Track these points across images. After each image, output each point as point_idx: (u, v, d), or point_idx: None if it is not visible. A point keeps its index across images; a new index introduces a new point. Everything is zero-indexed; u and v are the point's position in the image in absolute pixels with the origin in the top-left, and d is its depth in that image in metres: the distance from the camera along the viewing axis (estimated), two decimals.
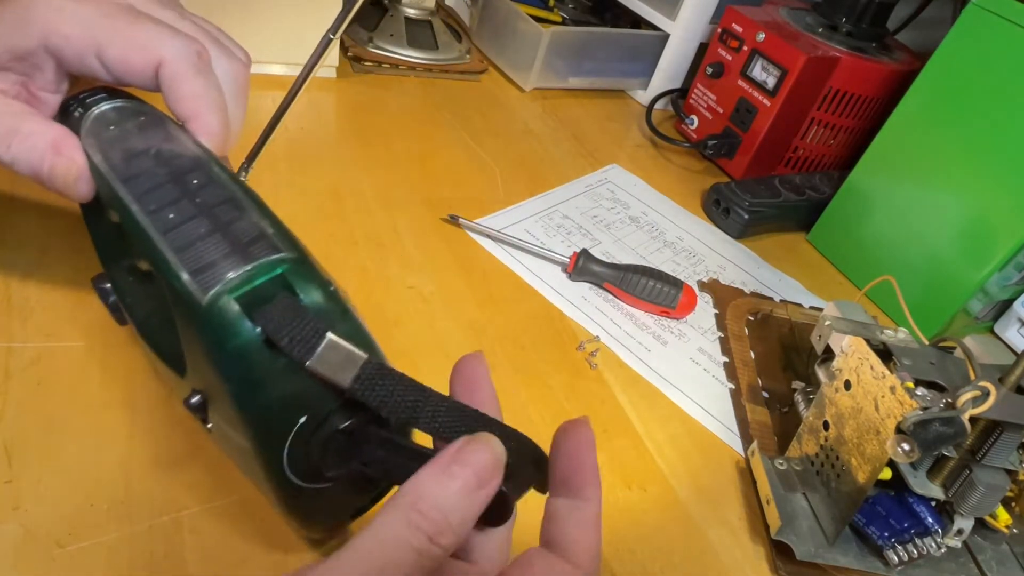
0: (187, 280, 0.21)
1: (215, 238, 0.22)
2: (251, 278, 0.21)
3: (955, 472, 0.34)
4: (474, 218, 0.51)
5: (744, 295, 0.54)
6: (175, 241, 0.22)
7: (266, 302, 0.20)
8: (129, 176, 0.25)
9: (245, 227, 0.22)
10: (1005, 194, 0.49)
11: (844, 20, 0.64)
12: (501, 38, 0.74)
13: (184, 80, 0.27)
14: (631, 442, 0.39)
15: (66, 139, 0.26)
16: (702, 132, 0.70)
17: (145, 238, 0.22)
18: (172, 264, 0.21)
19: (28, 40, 0.27)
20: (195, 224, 0.22)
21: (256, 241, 0.22)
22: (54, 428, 0.30)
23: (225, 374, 0.21)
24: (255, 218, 0.23)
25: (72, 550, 0.27)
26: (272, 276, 0.21)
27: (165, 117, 0.28)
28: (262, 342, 0.20)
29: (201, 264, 0.21)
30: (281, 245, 0.22)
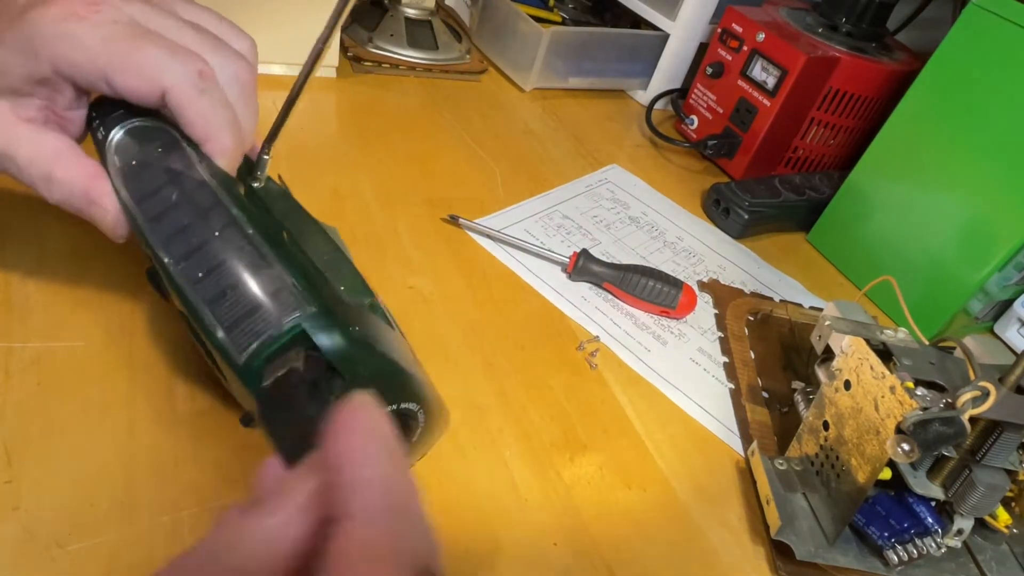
0: (223, 338, 0.24)
1: (243, 291, 0.24)
2: (278, 338, 0.23)
3: (955, 472, 0.34)
4: (474, 218, 0.51)
5: (744, 295, 0.54)
6: (205, 293, 0.24)
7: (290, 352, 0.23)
8: (153, 219, 0.27)
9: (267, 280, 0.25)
10: (1005, 194, 0.49)
11: (844, 20, 0.64)
12: (501, 38, 0.74)
13: (190, 105, 0.28)
14: (631, 442, 0.39)
15: (96, 184, 0.28)
16: (702, 132, 0.70)
17: (177, 288, 0.25)
18: (207, 320, 0.24)
19: (41, 67, 0.27)
20: (222, 276, 0.25)
21: (280, 293, 0.24)
22: (54, 428, 0.30)
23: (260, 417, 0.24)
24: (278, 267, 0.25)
25: (72, 550, 0.27)
26: (295, 335, 0.24)
27: (180, 140, 0.29)
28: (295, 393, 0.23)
29: (232, 321, 0.24)
30: (302, 299, 0.24)
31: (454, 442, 0.36)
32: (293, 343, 0.24)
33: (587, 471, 0.37)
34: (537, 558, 0.32)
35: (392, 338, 0.27)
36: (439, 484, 0.34)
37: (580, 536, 0.33)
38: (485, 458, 0.36)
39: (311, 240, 0.34)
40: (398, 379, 0.25)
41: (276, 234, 0.27)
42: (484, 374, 0.40)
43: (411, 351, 0.30)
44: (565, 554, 0.33)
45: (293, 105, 0.31)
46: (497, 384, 0.40)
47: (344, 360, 0.24)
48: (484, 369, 0.40)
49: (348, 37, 0.69)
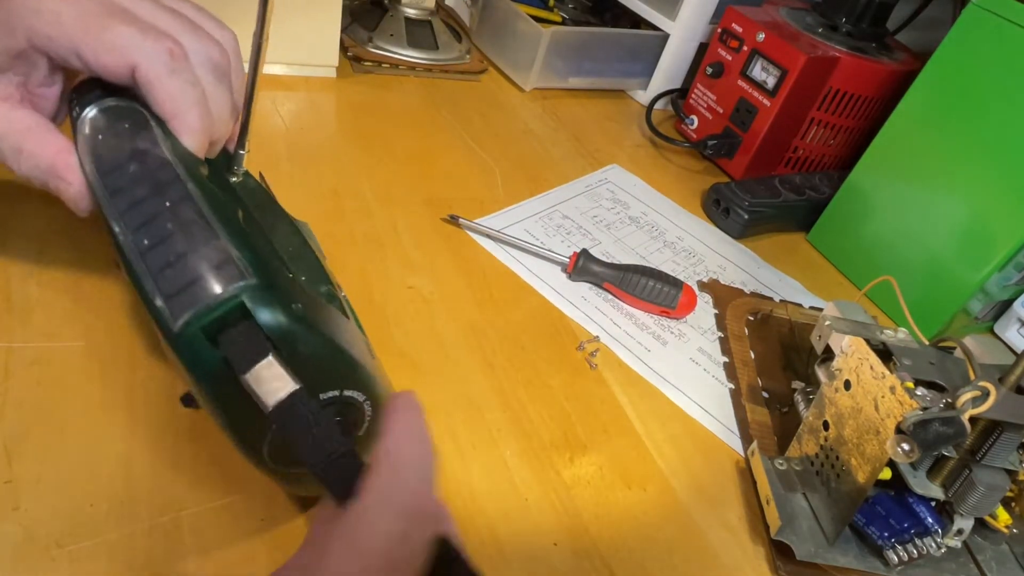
0: (161, 306, 0.23)
1: (186, 262, 0.23)
2: (214, 308, 0.22)
3: (955, 472, 0.34)
4: (474, 218, 0.51)
5: (744, 295, 0.54)
6: (151, 263, 0.24)
7: (229, 326, 0.22)
8: (113, 192, 0.26)
9: (212, 252, 0.24)
10: (1005, 194, 0.49)
11: (844, 20, 0.64)
12: (501, 38, 0.74)
13: (158, 83, 0.28)
14: (631, 442, 0.39)
15: (63, 158, 0.28)
16: (702, 132, 0.70)
17: (126, 259, 0.24)
18: (148, 289, 0.23)
19: (18, 41, 0.28)
20: (168, 247, 0.24)
21: (224, 266, 0.23)
22: (54, 428, 0.30)
23: (198, 391, 0.23)
24: (223, 240, 0.24)
25: (72, 550, 0.27)
26: (233, 306, 0.23)
27: (149, 120, 0.29)
28: (224, 364, 0.22)
29: (172, 291, 0.23)
30: (245, 271, 0.23)
31: (454, 442, 0.36)
32: (231, 315, 0.23)
33: (587, 471, 0.37)
34: (537, 558, 0.32)
35: (344, 327, 0.27)
36: (439, 484, 0.34)
37: (580, 536, 0.33)
38: (485, 458, 0.36)
39: (279, 231, 0.34)
40: (342, 364, 0.25)
41: (232, 213, 0.27)
42: (484, 374, 0.40)
43: (367, 346, 0.29)
44: (565, 554, 0.33)
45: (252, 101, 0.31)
46: (497, 384, 0.40)
47: (283, 336, 0.23)
48: (484, 369, 0.40)
49: (348, 37, 0.69)
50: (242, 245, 0.24)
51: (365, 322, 0.41)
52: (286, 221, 0.36)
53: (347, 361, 0.25)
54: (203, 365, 0.23)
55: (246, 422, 0.23)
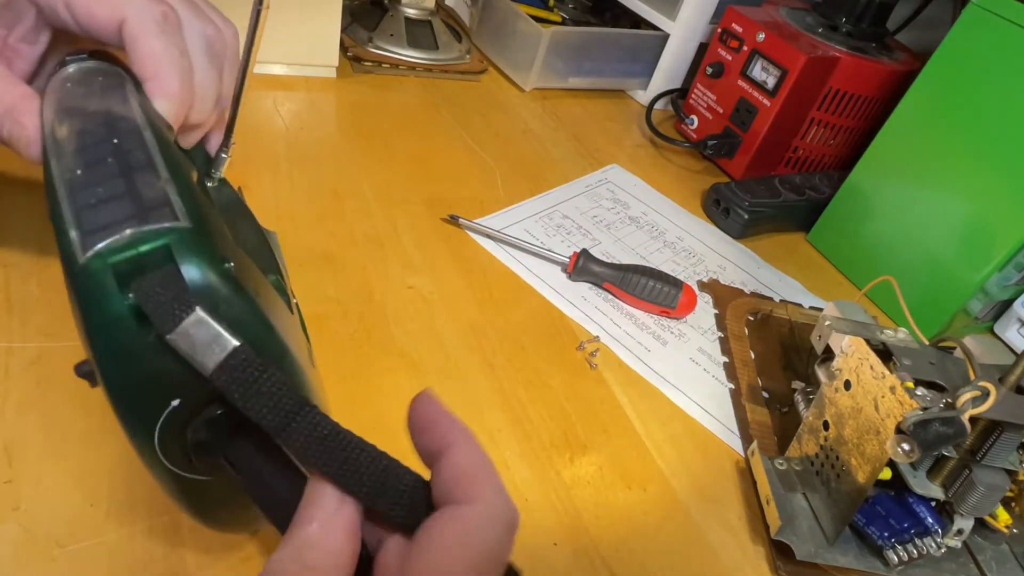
0: (73, 238, 0.19)
1: (117, 202, 0.20)
2: (134, 244, 0.19)
3: (955, 472, 0.34)
4: (474, 218, 0.51)
5: (744, 295, 0.54)
6: (77, 201, 0.20)
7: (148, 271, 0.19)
8: (61, 136, 0.23)
9: (151, 194, 0.20)
10: (1005, 194, 0.49)
11: (844, 20, 0.64)
12: (501, 38, 0.74)
13: (144, 39, 0.27)
14: (631, 442, 0.39)
15: (24, 103, 0.27)
16: (702, 132, 0.70)
17: (53, 196, 0.21)
18: (66, 222, 0.20)
19: None
20: (102, 188, 0.21)
21: (157, 207, 0.20)
22: (54, 428, 0.30)
23: (92, 343, 0.19)
24: (165, 184, 0.21)
25: (72, 550, 0.27)
26: (157, 246, 0.19)
27: (128, 80, 0.27)
28: (132, 315, 0.19)
29: (92, 226, 0.19)
30: (180, 214, 0.20)
31: None
32: (152, 259, 0.19)
33: (587, 471, 0.37)
34: (537, 558, 0.32)
35: (284, 316, 0.23)
36: None
37: (580, 536, 0.33)
38: None
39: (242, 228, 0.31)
40: (269, 344, 0.21)
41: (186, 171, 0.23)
42: (484, 374, 0.40)
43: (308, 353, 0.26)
44: (565, 554, 0.33)
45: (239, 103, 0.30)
46: (497, 384, 0.40)
47: (205, 293, 0.19)
48: (484, 369, 0.40)
49: (348, 37, 0.69)
50: (184, 192, 0.21)
51: (365, 322, 0.41)
52: (253, 224, 0.33)
53: (275, 342, 0.21)
54: (105, 311, 0.19)
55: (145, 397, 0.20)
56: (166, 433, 0.20)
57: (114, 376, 0.20)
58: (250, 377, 0.18)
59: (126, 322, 0.19)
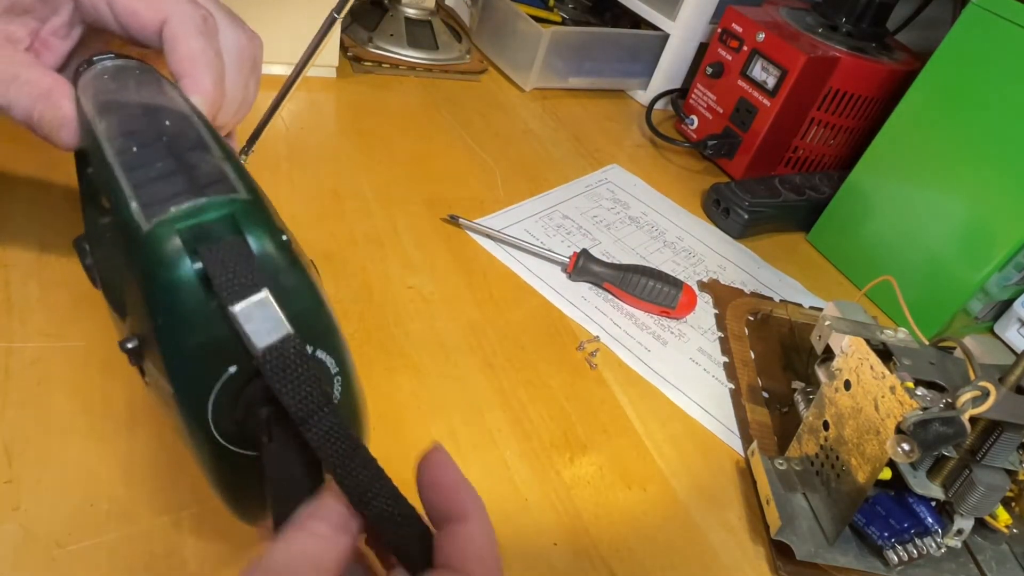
0: (135, 208, 0.20)
1: (175, 177, 0.21)
2: (197, 212, 0.20)
3: (955, 472, 0.34)
4: (474, 218, 0.51)
5: (744, 295, 0.54)
6: (135, 176, 0.21)
7: (212, 241, 0.19)
8: (108, 119, 0.24)
9: (207, 169, 0.21)
10: (1005, 194, 0.49)
11: (844, 20, 0.64)
12: (501, 38, 0.74)
13: (184, 38, 0.28)
14: (631, 442, 0.39)
15: (60, 87, 0.27)
16: (702, 132, 0.70)
17: (108, 173, 0.22)
18: (126, 195, 0.20)
19: None
20: (159, 164, 0.21)
21: (214, 182, 0.21)
22: (54, 428, 0.30)
23: (154, 306, 0.20)
24: (219, 162, 0.22)
25: (72, 550, 0.27)
26: (221, 215, 0.20)
27: (163, 77, 0.28)
28: (198, 279, 0.19)
29: (154, 198, 0.20)
30: (238, 187, 0.21)
31: (454, 442, 0.36)
32: (217, 228, 0.19)
33: (587, 471, 0.37)
34: (537, 558, 0.32)
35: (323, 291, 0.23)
36: None
37: (580, 536, 0.33)
38: (485, 458, 0.36)
39: None
40: (321, 318, 0.21)
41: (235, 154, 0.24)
42: (484, 374, 0.40)
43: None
44: (565, 554, 0.33)
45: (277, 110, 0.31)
46: (497, 384, 0.40)
47: (268, 265, 0.20)
48: (484, 369, 0.40)
49: (348, 37, 0.69)
50: (238, 169, 0.22)
51: (365, 322, 0.41)
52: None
53: (326, 316, 0.22)
54: (172, 274, 0.19)
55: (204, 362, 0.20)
56: (220, 401, 0.20)
57: (176, 340, 0.20)
58: (292, 364, 0.19)
59: (192, 286, 0.19)
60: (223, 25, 0.30)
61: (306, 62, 0.30)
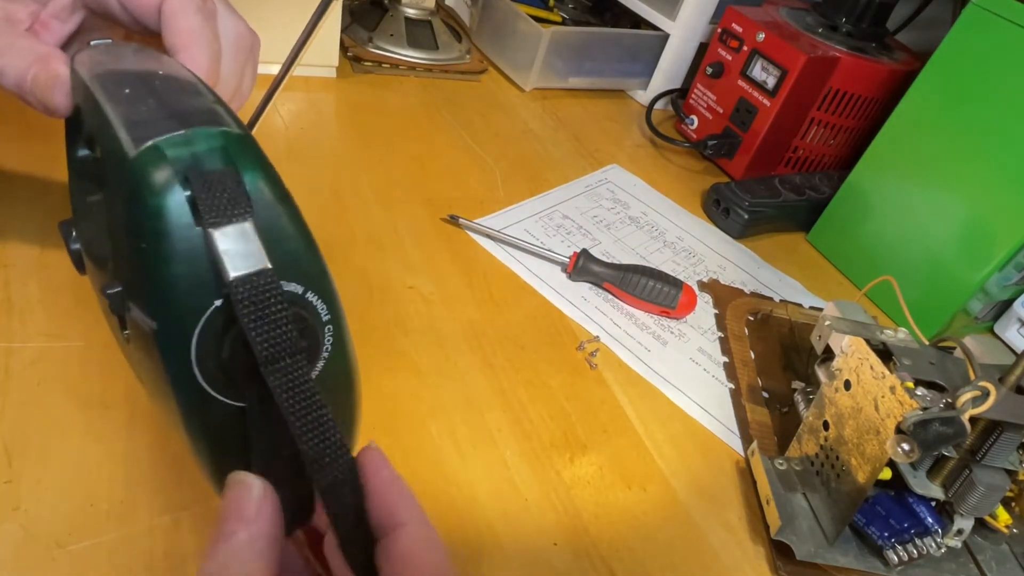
0: (123, 138, 0.19)
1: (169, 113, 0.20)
2: (189, 142, 0.19)
3: (955, 472, 0.34)
4: (474, 218, 0.51)
5: (744, 295, 0.54)
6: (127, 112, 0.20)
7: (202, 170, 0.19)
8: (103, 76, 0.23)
9: (200, 107, 0.21)
10: (1005, 194, 0.49)
11: (844, 20, 0.64)
12: (501, 38, 0.74)
13: (182, 15, 0.28)
14: (631, 442, 0.39)
15: (55, 55, 0.27)
16: (702, 132, 0.70)
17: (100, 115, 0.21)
18: (113, 127, 0.20)
19: None
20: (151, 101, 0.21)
21: (205, 117, 0.20)
22: (54, 428, 0.30)
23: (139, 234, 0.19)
24: (211, 104, 0.21)
25: (72, 550, 0.27)
26: (213, 146, 0.19)
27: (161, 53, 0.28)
28: (188, 205, 0.18)
29: (144, 130, 0.19)
30: (229, 122, 0.20)
31: (454, 442, 0.36)
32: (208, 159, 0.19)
33: (587, 471, 0.37)
34: (537, 558, 0.32)
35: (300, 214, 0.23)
36: (439, 484, 0.34)
37: (580, 536, 0.33)
38: (485, 458, 0.36)
39: None
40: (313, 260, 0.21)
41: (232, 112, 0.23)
42: (484, 374, 0.40)
43: None
44: (565, 554, 0.33)
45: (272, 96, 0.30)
46: (497, 384, 0.40)
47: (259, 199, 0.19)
48: (484, 369, 0.40)
49: (348, 37, 0.69)
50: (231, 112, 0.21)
51: (365, 322, 0.41)
52: None
53: (317, 258, 0.21)
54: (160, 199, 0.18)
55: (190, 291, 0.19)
56: (205, 339, 0.19)
57: (160, 267, 0.19)
58: (265, 300, 0.18)
59: (180, 211, 0.18)
60: (222, 11, 0.30)
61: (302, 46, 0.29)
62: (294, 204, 0.21)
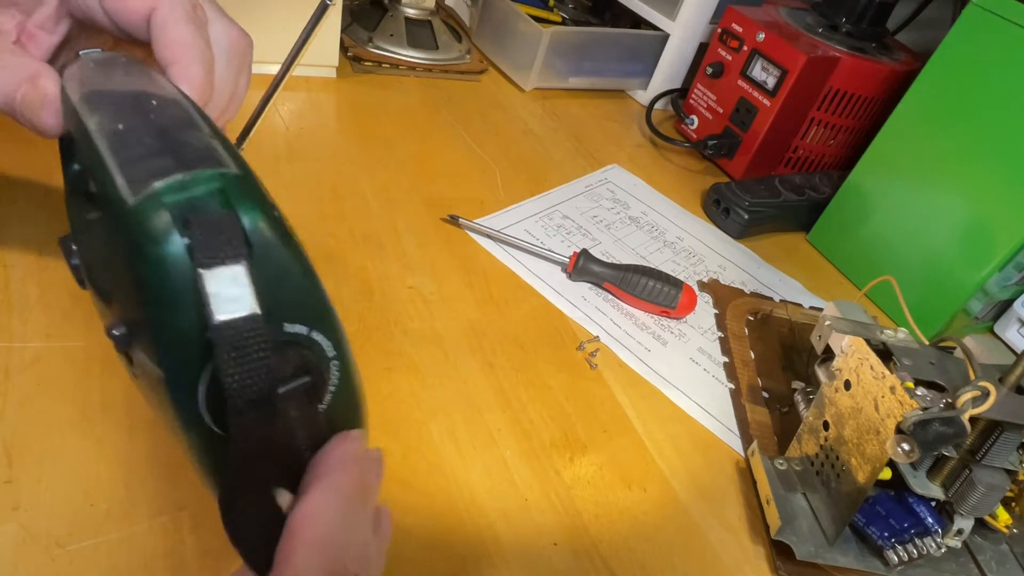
0: (120, 184, 0.19)
1: (162, 154, 0.20)
2: (186, 187, 0.19)
3: (955, 472, 0.34)
4: (474, 218, 0.51)
5: (744, 295, 0.54)
6: (121, 153, 0.20)
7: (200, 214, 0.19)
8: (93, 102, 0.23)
9: (196, 146, 0.21)
10: (1005, 194, 0.49)
11: (844, 20, 0.64)
12: (501, 38, 0.74)
13: (173, 26, 0.27)
14: (631, 442, 0.39)
15: (45, 72, 0.26)
16: (702, 132, 0.70)
17: (94, 153, 0.21)
18: (111, 172, 0.20)
19: None
20: (146, 141, 0.21)
21: (203, 159, 0.20)
22: (54, 428, 0.30)
23: (141, 283, 0.19)
24: (208, 139, 0.21)
25: (72, 550, 0.27)
26: (210, 189, 0.19)
27: (151, 69, 0.27)
28: (187, 253, 0.18)
29: (141, 173, 0.19)
30: (227, 162, 0.20)
31: (454, 442, 0.36)
32: (206, 202, 0.19)
33: (587, 471, 0.37)
34: (537, 558, 0.32)
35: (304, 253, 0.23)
36: (439, 484, 0.34)
37: (580, 536, 0.33)
38: (485, 458, 0.36)
39: None
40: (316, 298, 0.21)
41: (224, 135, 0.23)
42: (484, 374, 0.40)
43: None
44: (565, 554, 0.33)
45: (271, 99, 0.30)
46: (497, 384, 0.40)
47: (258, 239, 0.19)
48: (484, 369, 0.40)
49: (348, 37, 0.69)
50: (228, 146, 0.21)
51: (365, 322, 0.41)
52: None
53: (322, 297, 0.21)
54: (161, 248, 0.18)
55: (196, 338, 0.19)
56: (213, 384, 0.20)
57: (165, 317, 0.19)
58: (247, 347, 0.18)
59: (181, 260, 0.18)
60: (213, 17, 0.29)
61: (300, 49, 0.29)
62: (297, 244, 0.20)
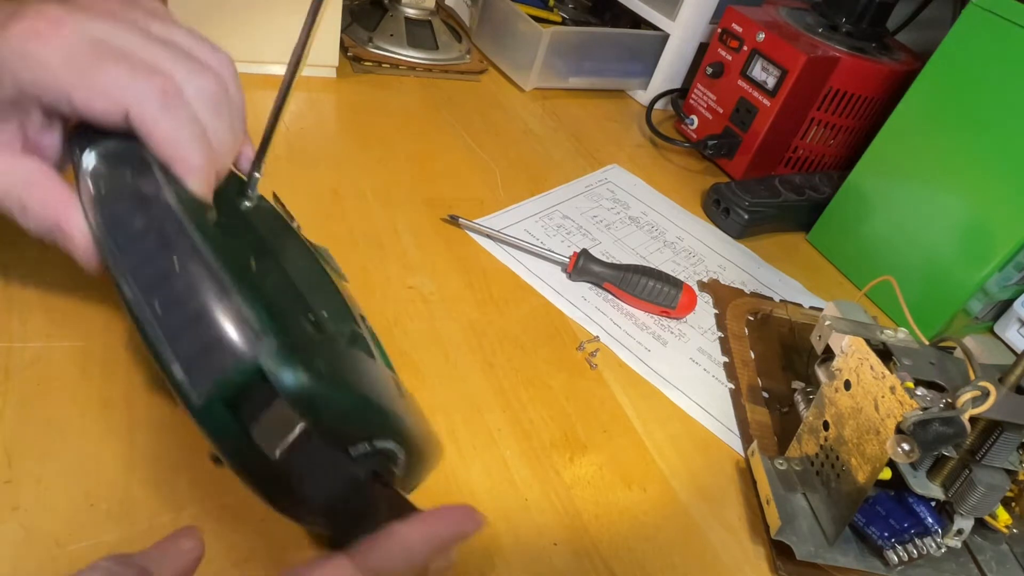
0: (181, 379, 0.23)
1: (199, 327, 0.23)
2: (232, 379, 0.23)
3: (955, 472, 0.34)
4: (474, 218, 0.51)
5: (744, 295, 0.54)
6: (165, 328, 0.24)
7: (249, 391, 0.23)
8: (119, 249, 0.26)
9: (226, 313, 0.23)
10: (1005, 194, 0.49)
11: (844, 20, 0.64)
12: (501, 38, 0.74)
13: (153, 125, 0.27)
14: (631, 442, 0.39)
15: (68, 215, 0.27)
16: (702, 132, 0.70)
17: (138, 322, 0.24)
18: (166, 357, 0.23)
19: (5, 89, 0.26)
20: (180, 310, 0.24)
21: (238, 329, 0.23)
22: (54, 428, 0.30)
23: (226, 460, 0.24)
24: (236, 299, 0.24)
25: (72, 550, 0.27)
26: (250, 373, 0.22)
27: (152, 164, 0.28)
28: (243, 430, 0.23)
29: (190, 360, 0.23)
30: (260, 332, 0.23)
31: (454, 442, 0.36)
32: (251, 380, 0.22)
33: (587, 471, 0.37)
34: (537, 558, 0.32)
35: (371, 371, 0.27)
36: (439, 484, 0.34)
37: (580, 536, 0.33)
38: (485, 458, 0.36)
39: (296, 263, 0.33)
40: (370, 415, 0.25)
41: (244, 261, 0.26)
42: (484, 374, 0.40)
43: (396, 383, 0.29)
44: (565, 554, 0.33)
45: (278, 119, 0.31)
46: (497, 384, 0.40)
47: (306, 397, 0.23)
48: (484, 369, 0.40)
49: (348, 37, 0.69)
50: (255, 301, 0.24)
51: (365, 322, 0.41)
52: (303, 249, 0.35)
53: (375, 410, 0.25)
54: (228, 438, 0.23)
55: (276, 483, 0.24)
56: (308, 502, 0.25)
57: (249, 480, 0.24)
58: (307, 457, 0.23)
59: (249, 443, 0.23)
60: (183, 76, 0.28)
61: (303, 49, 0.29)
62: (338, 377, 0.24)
